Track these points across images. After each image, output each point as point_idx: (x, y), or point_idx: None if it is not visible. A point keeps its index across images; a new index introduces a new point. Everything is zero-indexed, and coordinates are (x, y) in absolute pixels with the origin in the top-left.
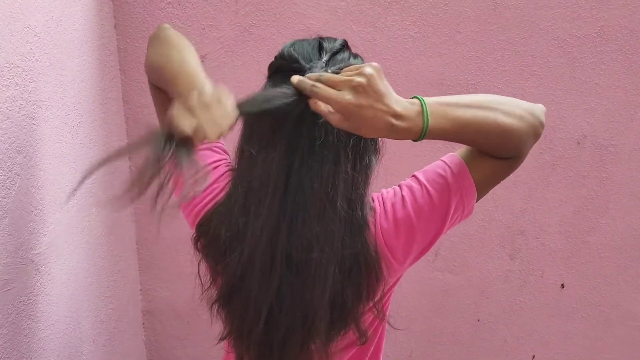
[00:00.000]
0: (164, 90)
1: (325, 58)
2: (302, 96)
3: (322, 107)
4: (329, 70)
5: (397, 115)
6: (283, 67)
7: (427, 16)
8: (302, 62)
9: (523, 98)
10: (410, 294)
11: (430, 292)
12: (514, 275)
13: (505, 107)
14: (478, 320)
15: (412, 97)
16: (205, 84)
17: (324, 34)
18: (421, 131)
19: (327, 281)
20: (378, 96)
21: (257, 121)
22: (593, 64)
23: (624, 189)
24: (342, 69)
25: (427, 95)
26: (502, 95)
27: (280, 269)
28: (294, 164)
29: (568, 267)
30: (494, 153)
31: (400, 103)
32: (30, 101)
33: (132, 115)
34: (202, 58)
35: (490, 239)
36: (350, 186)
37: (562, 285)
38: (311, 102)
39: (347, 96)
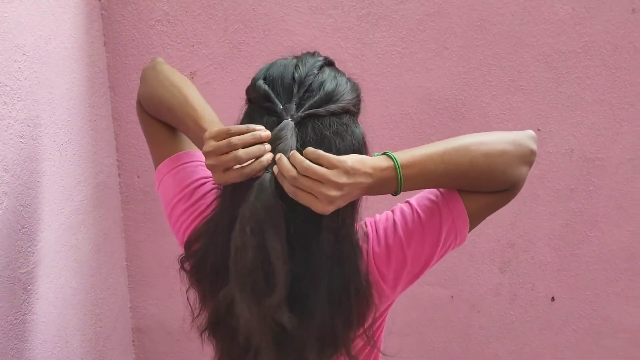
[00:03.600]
0: (165, 121)
1: (296, 98)
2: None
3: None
4: (300, 112)
5: (371, 187)
6: (257, 102)
7: (414, 32)
8: (274, 99)
9: (510, 112)
10: (402, 308)
11: (421, 306)
12: (505, 289)
13: (483, 148)
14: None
15: (384, 154)
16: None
17: (312, 50)
18: (396, 193)
19: (314, 314)
20: (352, 189)
21: None
22: (578, 79)
23: (612, 201)
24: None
25: (417, 110)
26: (490, 112)
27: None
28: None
29: (558, 280)
30: (482, 190)
31: (372, 176)
32: (18, 120)
33: (122, 132)
34: (192, 75)
35: (480, 252)
36: (335, 219)
37: (553, 298)
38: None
39: (326, 207)
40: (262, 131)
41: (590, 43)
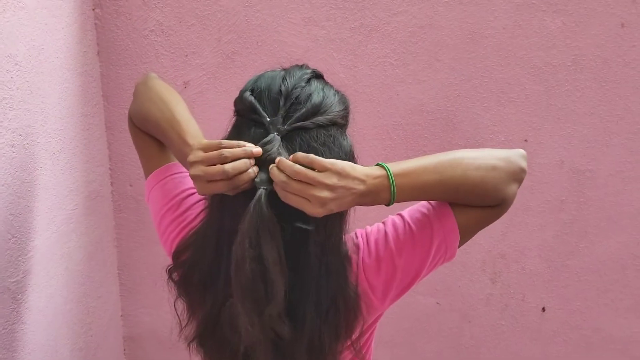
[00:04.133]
0: (153, 135)
1: (282, 110)
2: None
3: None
4: (286, 125)
5: (364, 195)
6: (244, 114)
7: (406, 44)
8: (261, 111)
9: (501, 124)
10: (393, 318)
11: (412, 315)
12: (496, 299)
13: (476, 162)
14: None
15: (377, 165)
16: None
17: (305, 61)
18: (388, 202)
19: (303, 325)
20: (344, 192)
21: None
22: (569, 92)
23: (602, 213)
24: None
25: (409, 121)
26: (481, 124)
27: None
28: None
29: (549, 290)
30: (473, 204)
31: (365, 183)
32: (9, 129)
33: (115, 141)
34: (185, 84)
35: (471, 262)
36: (322, 232)
37: (543, 309)
38: (280, 195)
39: (318, 209)
40: (254, 147)
41: (580, 56)
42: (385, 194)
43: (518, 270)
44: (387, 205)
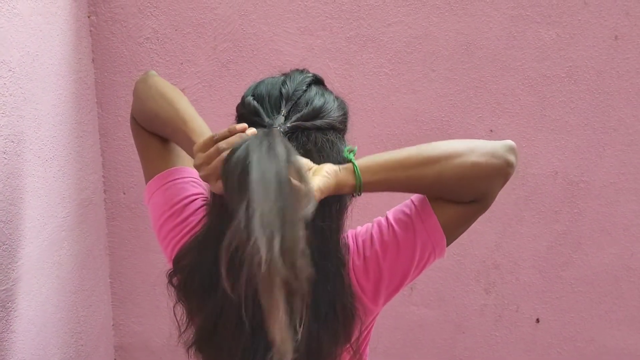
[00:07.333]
0: (159, 135)
1: (284, 111)
2: None
3: None
4: (288, 125)
5: (329, 177)
6: (246, 118)
7: (401, 54)
8: (262, 114)
9: (496, 135)
10: (387, 328)
11: (406, 326)
12: (490, 310)
13: (455, 160)
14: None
15: (349, 162)
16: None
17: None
18: (354, 185)
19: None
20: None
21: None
22: (562, 103)
23: (595, 224)
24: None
25: (403, 131)
26: (476, 134)
27: (252, 320)
28: None
29: (543, 301)
30: (450, 199)
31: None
32: (2, 136)
33: (109, 148)
34: None
35: (465, 273)
36: (319, 237)
37: (537, 320)
38: None
39: None
40: (248, 129)
41: (574, 68)
42: (350, 175)
43: (512, 281)
44: (355, 192)
